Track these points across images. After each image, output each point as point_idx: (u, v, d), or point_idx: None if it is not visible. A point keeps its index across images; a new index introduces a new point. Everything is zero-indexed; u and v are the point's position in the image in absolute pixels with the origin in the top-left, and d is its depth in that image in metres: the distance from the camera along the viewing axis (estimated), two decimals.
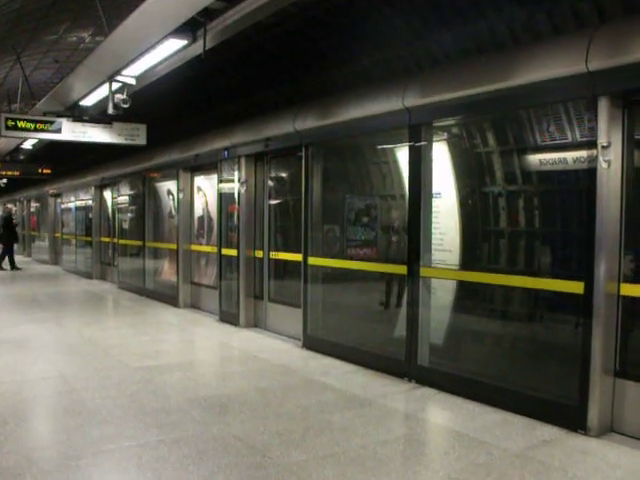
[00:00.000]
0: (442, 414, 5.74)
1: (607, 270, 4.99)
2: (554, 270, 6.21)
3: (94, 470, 4.40)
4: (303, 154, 8.39)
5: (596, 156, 4.99)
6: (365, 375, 7.00)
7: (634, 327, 5.30)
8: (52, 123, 10.83)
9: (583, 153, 5.44)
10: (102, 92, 10.01)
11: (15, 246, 21.08)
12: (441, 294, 6.95)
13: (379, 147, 8.21)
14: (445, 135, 7.07)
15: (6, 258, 20.00)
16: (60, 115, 11.08)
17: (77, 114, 11.14)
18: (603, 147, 4.94)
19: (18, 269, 20.11)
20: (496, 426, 5.31)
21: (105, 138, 11.11)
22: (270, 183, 10.01)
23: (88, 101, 10.87)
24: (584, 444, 4.88)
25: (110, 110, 9.65)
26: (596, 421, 5.03)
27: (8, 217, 20.80)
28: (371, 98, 7.21)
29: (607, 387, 5.08)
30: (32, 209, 28.49)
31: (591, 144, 5.10)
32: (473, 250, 7.05)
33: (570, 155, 5.94)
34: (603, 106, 4.96)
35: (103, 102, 10.18)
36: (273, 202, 10.06)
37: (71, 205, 21.19)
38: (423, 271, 6.62)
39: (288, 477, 4.25)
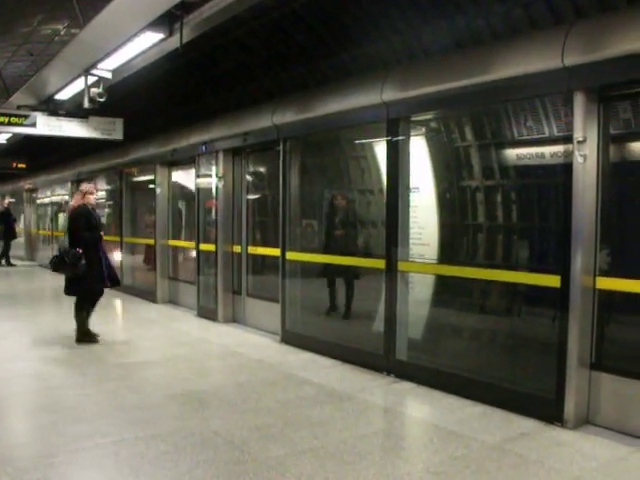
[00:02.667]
0: (421, 408, 5.77)
1: (583, 264, 5.04)
2: (531, 264, 6.25)
3: (70, 468, 4.36)
4: (281, 148, 8.36)
5: (572, 151, 5.03)
6: (344, 370, 7.01)
7: (609, 320, 5.35)
8: (26, 117, 10.71)
9: (560, 148, 5.48)
10: (78, 86, 9.89)
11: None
12: (420, 288, 6.97)
13: (357, 141, 8.21)
14: (423, 129, 7.08)
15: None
16: (35, 109, 10.96)
17: (52, 108, 11.02)
18: (579, 142, 4.98)
19: (13, 265, 19.87)
20: (474, 419, 5.35)
21: (81, 132, 11.01)
22: (248, 178, 9.98)
23: (63, 95, 10.73)
24: (561, 436, 4.93)
25: (86, 104, 9.53)
26: (572, 413, 5.08)
27: (6, 212, 20.29)
28: (349, 92, 7.21)
29: (583, 380, 5.13)
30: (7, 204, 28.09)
31: (567, 139, 5.15)
32: (451, 244, 7.07)
33: (547, 150, 5.97)
34: (579, 101, 5.00)
35: (79, 96, 10.05)
36: (251, 197, 10.03)
37: (47, 200, 20.95)
38: (401, 265, 6.63)
39: (267, 472, 4.24)
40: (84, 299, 8.25)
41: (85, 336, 8.20)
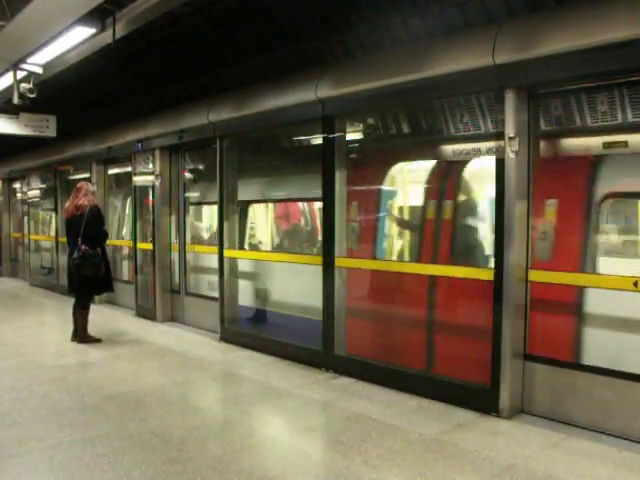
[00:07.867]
0: (359, 403, 5.79)
1: (515, 257, 5.16)
2: (467, 258, 6.36)
3: (2, 476, 4.22)
4: (217, 146, 8.29)
5: (504, 147, 5.14)
6: (283, 366, 7.01)
7: (542, 311, 5.49)
8: None
9: (493, 144, 5.60)
10: (6, 80, 9.55)
11: None
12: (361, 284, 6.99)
13: (294, 139, 8.19)
14: (360, 126, 7.12)
15: None
16: None
17: None
18: (510, 138, 5.10)
19: None
20: (412, 412, 5.41)
21: (11, 129, 10.70)
22: (186, 175, 9.87)
23: None
24: (496, 426, 5.05)
25: (15, 100, 9.23)
26: (507, 403, 5.21)
27: None
28: (285, 89, 7.19)
29: (517, 370, 5.27)
30: None
31: (500, 135, 5.25)
32: (391, 240, 7.13)
33: (482, 145, 6.08)
34: (509, 98, 5.11)
35: (8, 91, 9.73)
36: (189, 195, 9.92)
37: None
38: (338, 261, 6.66)
39: (205, 471, 4.21)
40: (90, 298, 8.38)
41: (89, 336, 8.24)
